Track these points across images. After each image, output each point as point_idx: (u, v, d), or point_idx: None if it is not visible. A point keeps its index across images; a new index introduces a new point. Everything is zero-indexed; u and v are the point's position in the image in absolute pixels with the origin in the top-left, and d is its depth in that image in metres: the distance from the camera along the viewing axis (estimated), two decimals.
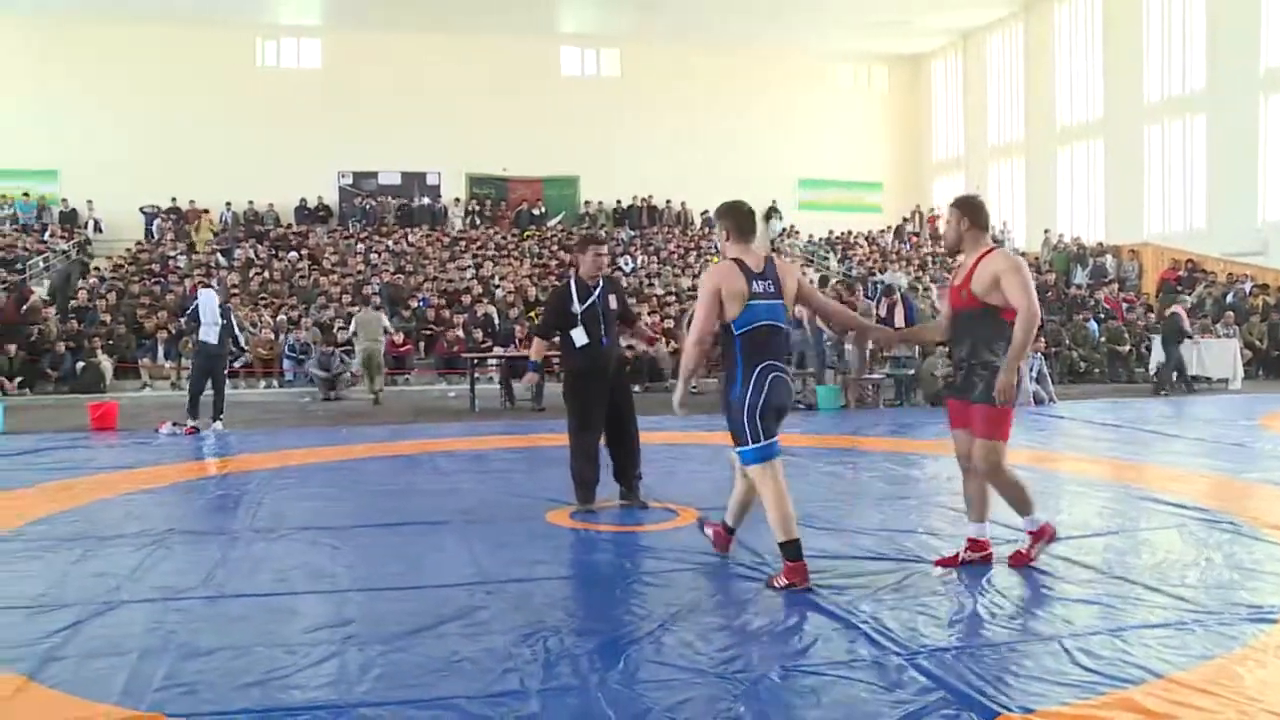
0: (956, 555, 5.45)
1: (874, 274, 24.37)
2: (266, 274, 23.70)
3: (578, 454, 7.07)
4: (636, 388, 17.71)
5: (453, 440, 11.12)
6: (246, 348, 13.99)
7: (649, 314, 20.84)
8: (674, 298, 22.97)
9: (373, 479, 8.75)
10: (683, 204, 31.74)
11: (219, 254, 25.45)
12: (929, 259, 29.18)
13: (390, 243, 27.23)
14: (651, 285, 24.02)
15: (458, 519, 6.80)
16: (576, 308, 7.02)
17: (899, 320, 14.92)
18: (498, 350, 17.46)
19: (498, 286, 23.11)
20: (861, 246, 30.69)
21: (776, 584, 5.00)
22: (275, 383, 18.70)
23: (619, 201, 31.84)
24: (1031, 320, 5.02)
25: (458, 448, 10.53)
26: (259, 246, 26.31)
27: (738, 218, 5.34)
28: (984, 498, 5.42)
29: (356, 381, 17.75)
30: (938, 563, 5.45)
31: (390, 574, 5.41)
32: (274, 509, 7.30)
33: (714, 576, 5.32)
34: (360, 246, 26.69)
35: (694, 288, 24.00)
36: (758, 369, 4.98)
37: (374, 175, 30.92)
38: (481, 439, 11.45)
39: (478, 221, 30.51)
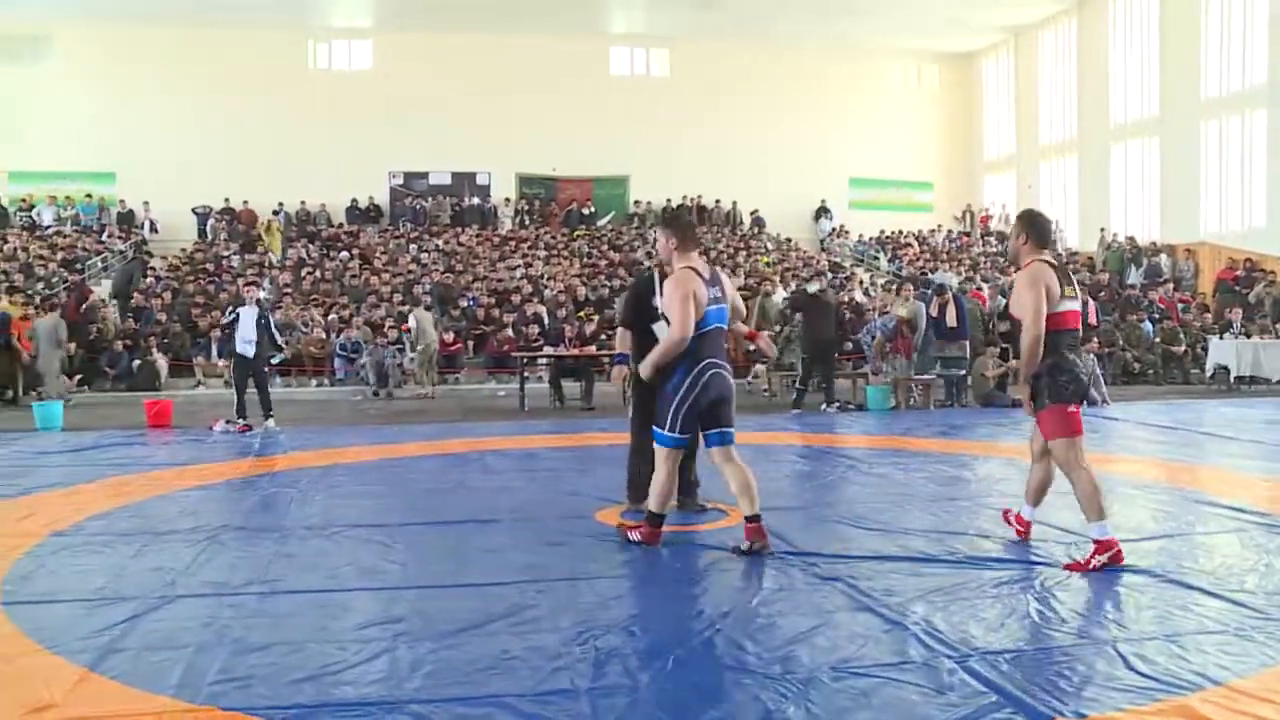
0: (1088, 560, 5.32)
1: (925, 274, 24.14)
2: (318, 273, 23.96)
3: (643, 455, 6.54)
4: None
5: (502, 439, 11.18)
6: (285, 350, 14.02)
7: None
8: None
9: (423, 477, 8.81)
10: (734, 204, 31.63)
11: (269, 254, 25.81)
12: (980, 259, 28.88)
13: (440, 242, 27.43)
14: None
15: (508, 517, 6.84)
16: (659, 301, 6.50)
17: (950, 320, 14.79)
18: (547, 350, 17.52)
19: (547, 286, 23.17)
20: (912, 246, 30.44)
21: (630, 536, 5.93)
22: (326, 381, 18.88)
23: (669, 201, 31.73)
24: (1028, 334, 5.36)
25: (507, 446, 10.58)
26: (310, 246, 26.62)
27: (684, 228, 5.86)
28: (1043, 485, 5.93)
29: (408, 379, 17.90)
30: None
31: (440, 571, 5.45)
32: (325, 507, 7.37)
33: (764, 576, 5.31)
34: (411, 246, 26.91)
35: (746, 287, 23.98)
36: (699, 365, 5.58)
37: (424, 175, 31.13)
38: (531, 438, 11.49)
39: (527, 221, 30.65)
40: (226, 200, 29.03)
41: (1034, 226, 5.59)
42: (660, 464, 5.77)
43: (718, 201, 31.77)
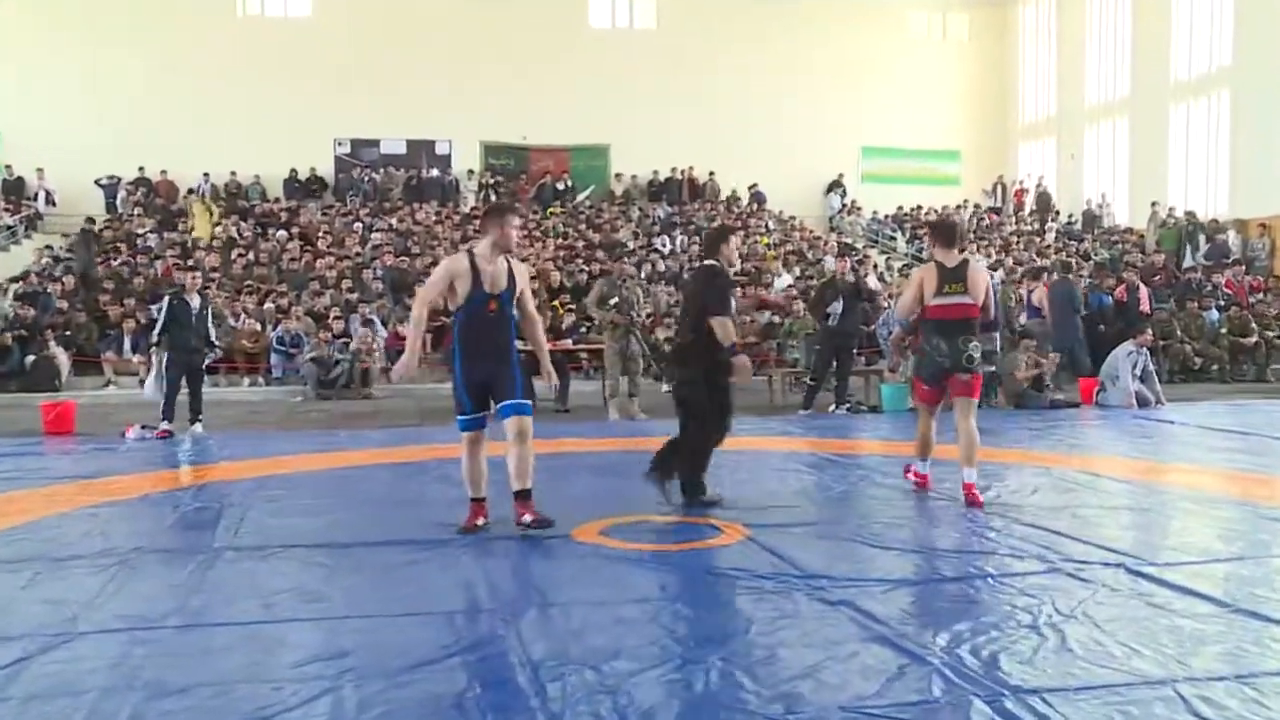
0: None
1: None
2: (251, 256, 23.89)
3: (698, 458, 7.75)
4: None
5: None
6: (220, 344, 13.95)
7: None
8: None
9: (374, 489, 8.81)
10: (711, 175, 31.73)
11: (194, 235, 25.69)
12: (1014, 238, 28.97)
13: (394, 221, 27.41)
14: (693, 270, 24.00)
15: (470, 536, 6.86)
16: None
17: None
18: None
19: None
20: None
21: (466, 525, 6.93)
22: (261, 380, 18.84)
23: (655, 174, 31.88)
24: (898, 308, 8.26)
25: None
26: (242, 224, 26.54)
27: (490, 217, 7.03)
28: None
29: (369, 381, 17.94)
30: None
31: (393, 598, 5.45)
32: (260, 524, 7.36)
33: (764, 599, 5.33)
34: (359, 225, 26.89)
35: (744, 273, 23.99)
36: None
37: (375, 144, 31.14)
38: (498, 445, 11.44)
39: (494, 196, 30.58)
40: (141, 170, 28.92)
41: (937, 231, 8.22)
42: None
43: (711, 174, 31.84)
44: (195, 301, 12.71)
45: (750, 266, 24.36)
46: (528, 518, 6.84)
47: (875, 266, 25.70)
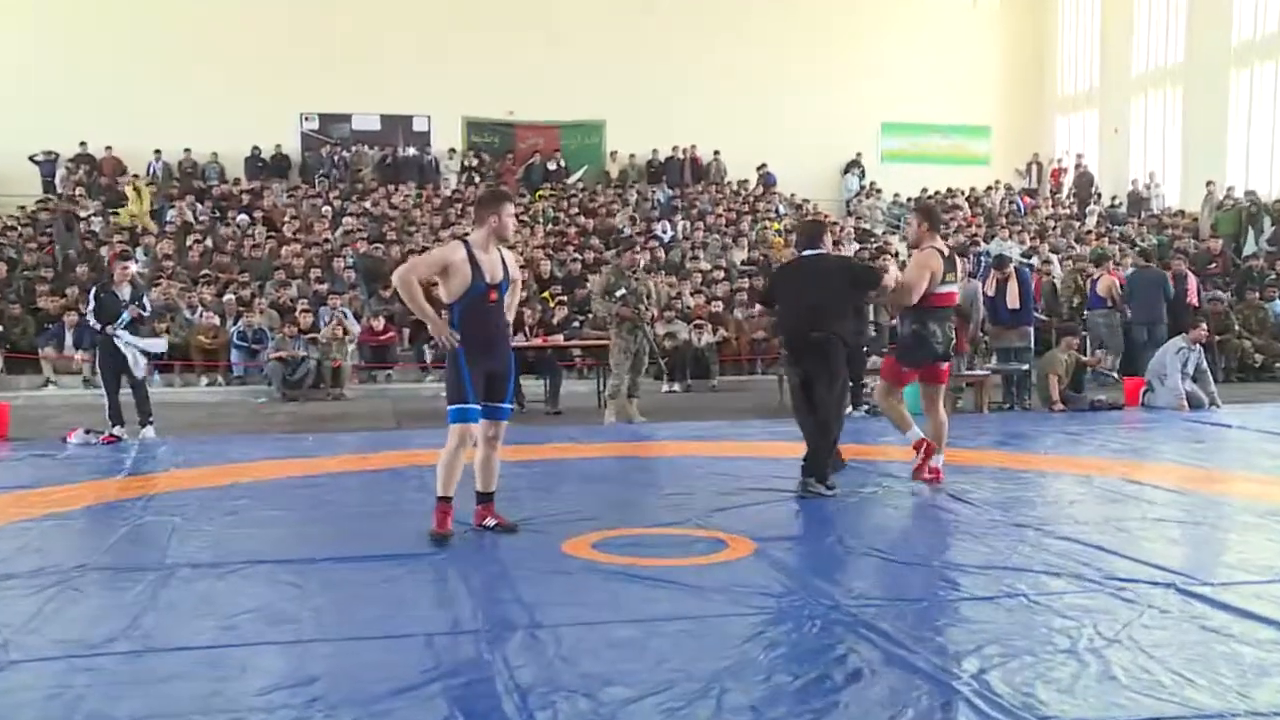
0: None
1: (978, 243, 24.19)
2: (209, 242, 23.84)
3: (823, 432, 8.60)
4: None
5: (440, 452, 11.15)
6: (145, 312, 13.61)
7: (690, 294, 20.86)
8: (723, 273, 22.90)
9: (345, 499, 8.83)
10: (745, 162, 31.68)
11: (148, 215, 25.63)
12: (1050, 223, 28.93)
13: (368, 204, 27.37)
14: (696, 258, 23.98)
15: (450, 551, 6.86)
16: None
17: (1012, 301, 14.83)
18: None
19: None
20: (962, 208, 30.49)
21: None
22: (220, 379, 18.82)
23: (655, 153, 31.81)
24: (900, 303, 8.82)
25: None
26: (199, 206, 26.46)
27: (486, 205, 7.32)
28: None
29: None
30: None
31: (367, 619, 5.46)
32: (218, 538, 7.36)
33: (774, 620, 5.35)
34: (329, 208, 26.85)
35: (751, 261, 23.99)
36: None
37: (346, 119, 31.08)
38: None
39: (477, 178, 30.59)
40: (83, 144, 28.74)
41: (930, 216, 9.00)
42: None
43: (717, 154, 31.82)
44: (126, 293, 12.60)
45: (759, 255, 24.34)
46: (492, 521, 7.33)
47: (896, 254, 25.67)
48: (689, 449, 11.46)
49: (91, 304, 12.68)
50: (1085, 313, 18.43)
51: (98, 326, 12.60)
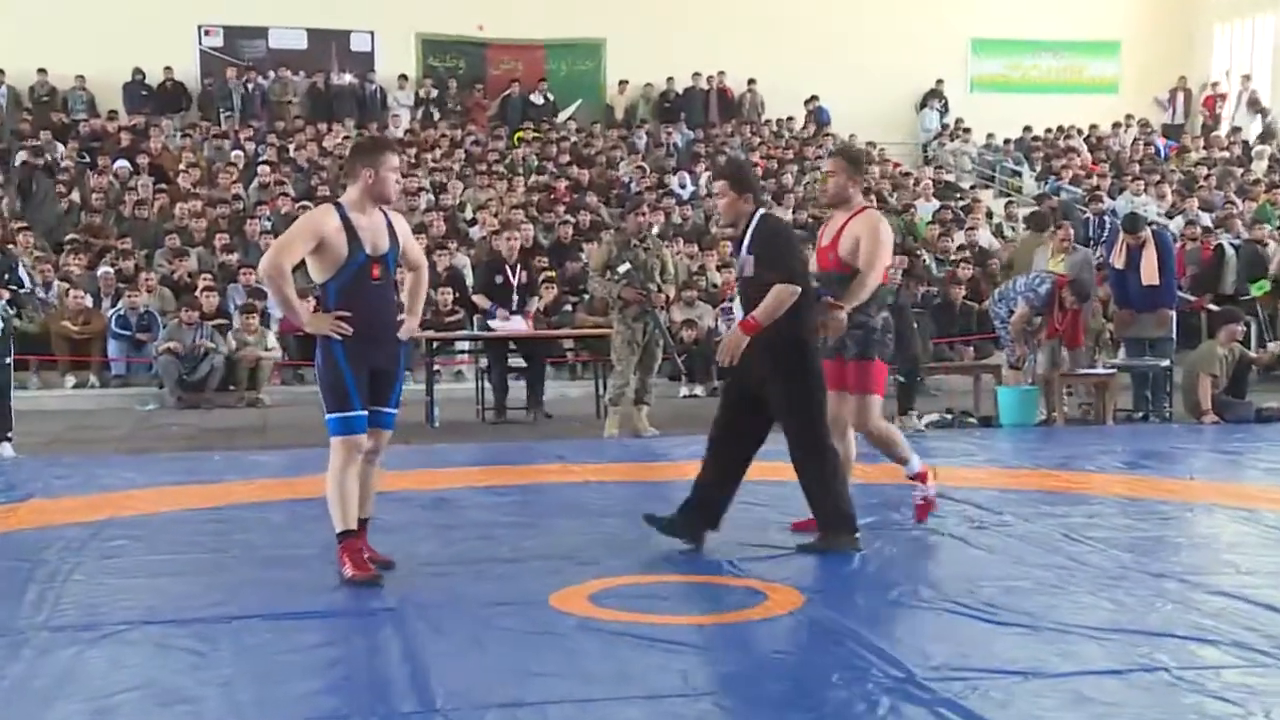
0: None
1: (1100, 198, 24.12)
2: (75, 195, 23.78)
3: (836, 477, 8.08)
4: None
5: (396, 475, 11.09)
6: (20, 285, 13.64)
7: (717, 268, 20.81)
8: None
9: (262, 539, 8.78)
10: (790, 93, 31.69)
11: None
12: (1200, 170, 28.75)
13: (292, 148, 27.36)
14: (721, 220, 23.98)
15: (403, 603, 6.83)
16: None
17: (1149, 275, 14.70)
18: (472, 330, 17.50)
19: (472, 222, 23.18)
20: (1079, 152, 30.40)
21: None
22: (94, 379, 18.81)
23: (670, 82, 31.70)
24: (874, 281, 8.33)
25: (404, 486, 10.53)
26: (61, 148, 26.42)
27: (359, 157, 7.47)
28: (848, 460, 8.53)
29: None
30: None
31: (292, 697, 5.44)
32: (92, 590, 7.31)
33: (829, 696, 5.32)
34: (239, 153, 26.82)
35: (800, 225, 23.87)
36: None
37: (261, 33, 30.94)
38: (444, 472, 11.54)
39: (436, 114, 30.59)
40: None
41: (857, 164, 9.14)
42: None
43: (752, 83, 31.81)
44: None
45: (807, 216, 24.31)
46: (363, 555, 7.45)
47: (990, 215, 25.65)
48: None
49: None
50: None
51: None
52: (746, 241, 8.06)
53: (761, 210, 8.27)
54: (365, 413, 7.29)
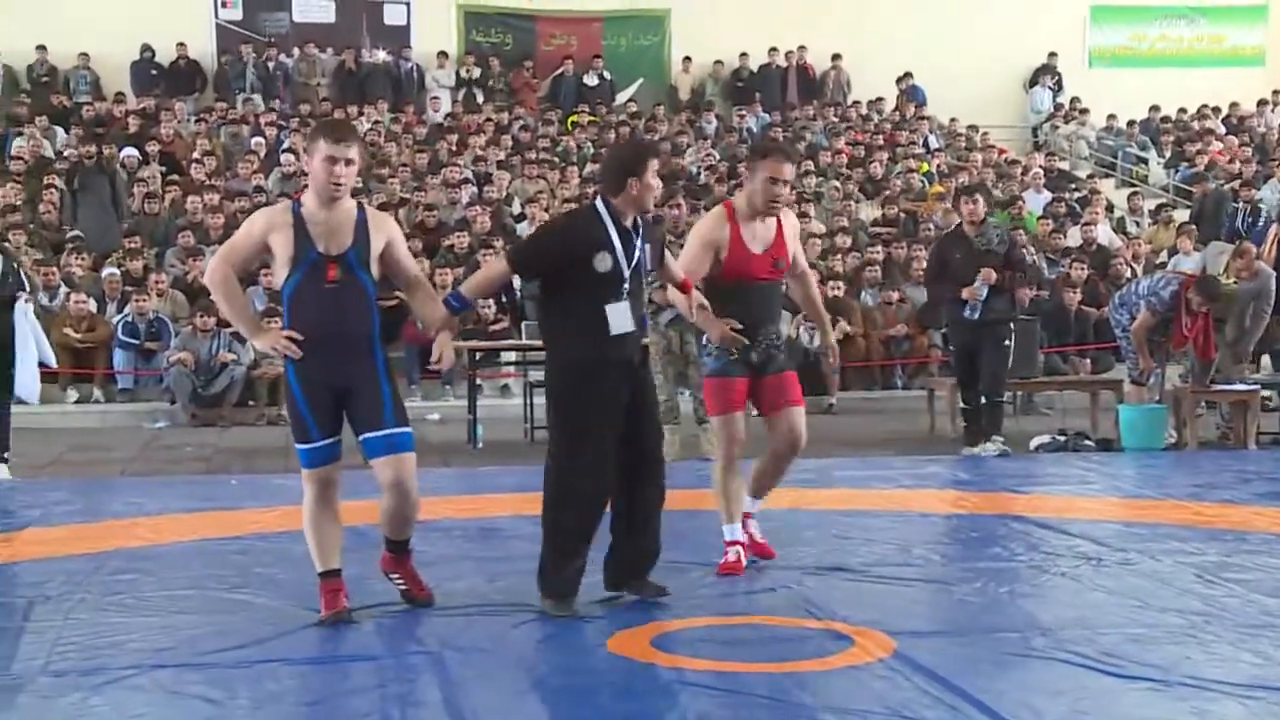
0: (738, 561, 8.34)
1: (1242, 186, 23.92)
2: (77, 186, 23.89)
3: (574, 504, 7.72)
4: None
5: (436, 500, 11.14)
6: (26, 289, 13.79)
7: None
8: (848, 239, 22.76)
9: (286, 573, 8.82)
10: (879, 72, 31.65)
11: None
12: None
13: None
14: (806, 217, 23.90)
15: (443, 647, 6.85)
16: (608, 262, 7.55)
17: None
18: (520, 339, 17.54)
19: (520, 217, 23.25)
20: (1219, 137, 30.12)
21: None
22: (99, 394, 18.93)
23: (744, 59, 31.67)
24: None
25: (444, 514, 10.62)
26: (62, 135, 26.65)
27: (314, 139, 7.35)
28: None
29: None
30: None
31: None
32: (96, 630, 7.35)
33: None
34: (260, 140, 26.98)
35: (890, 221, 23.81)
36: None
37: (284, 5, 31.08)
38: (489, 499, 11.63)
39: (480, 96, 30.68)
40: None
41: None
42: None
43: (836, 59, 31.78)
44: None
45: (899, 212, 24.22)
46: (399, 580, 7.72)
47: (1110, 208, 25.49)
48: (790, 498, 11.35)
49: None
50: None
51: None
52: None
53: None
54: (329, 441, 7.32)
